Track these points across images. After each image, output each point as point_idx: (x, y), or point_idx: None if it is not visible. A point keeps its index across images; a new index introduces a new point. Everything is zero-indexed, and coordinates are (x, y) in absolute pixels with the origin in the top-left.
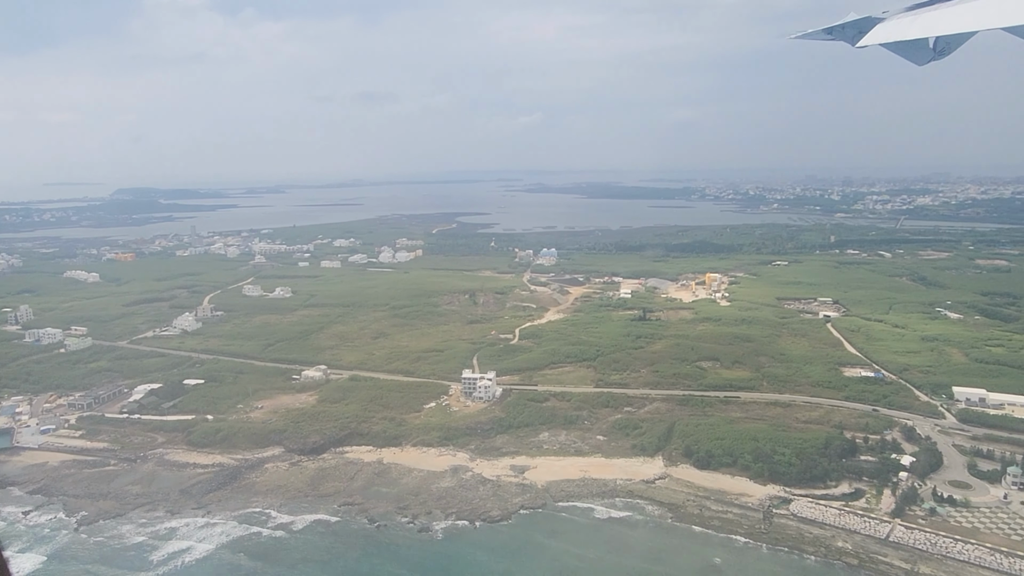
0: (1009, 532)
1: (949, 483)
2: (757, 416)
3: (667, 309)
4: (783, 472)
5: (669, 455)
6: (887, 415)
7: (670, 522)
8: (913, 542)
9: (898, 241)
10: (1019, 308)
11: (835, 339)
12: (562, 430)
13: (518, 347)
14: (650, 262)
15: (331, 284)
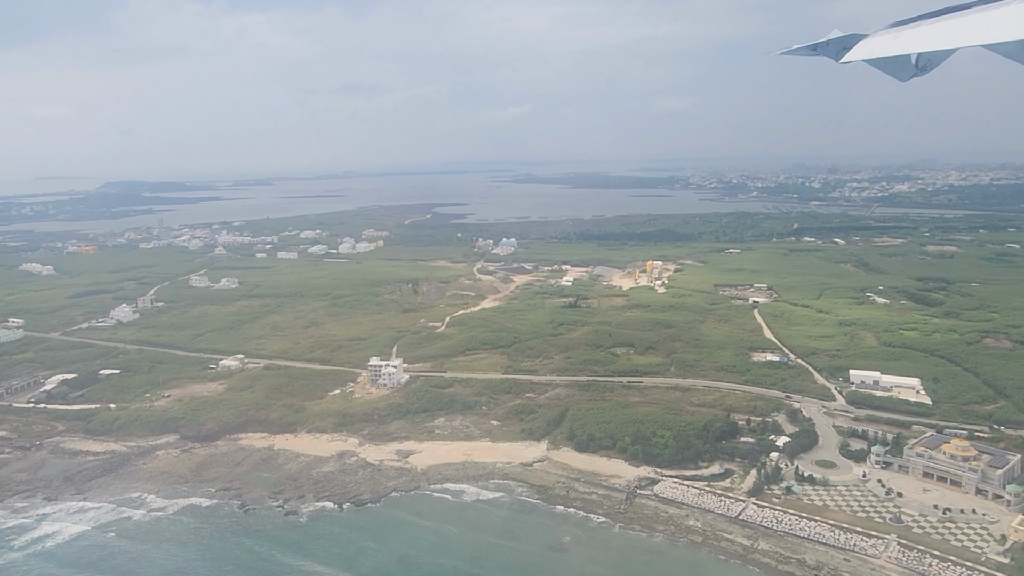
0: (856, 509)
1: (816, 463)
2: (654, 400)
3: (602, 296)
4: (657, 454)
5: (554, 439)
6: (780, 398)
7: (535, 503)
8: (760, 520)
9: (859, 228)
10: (948, 293)
11: (757, 324)
12: (458, 415)
13: (441, 335)
14: (606, 250)
15: (280, 275)
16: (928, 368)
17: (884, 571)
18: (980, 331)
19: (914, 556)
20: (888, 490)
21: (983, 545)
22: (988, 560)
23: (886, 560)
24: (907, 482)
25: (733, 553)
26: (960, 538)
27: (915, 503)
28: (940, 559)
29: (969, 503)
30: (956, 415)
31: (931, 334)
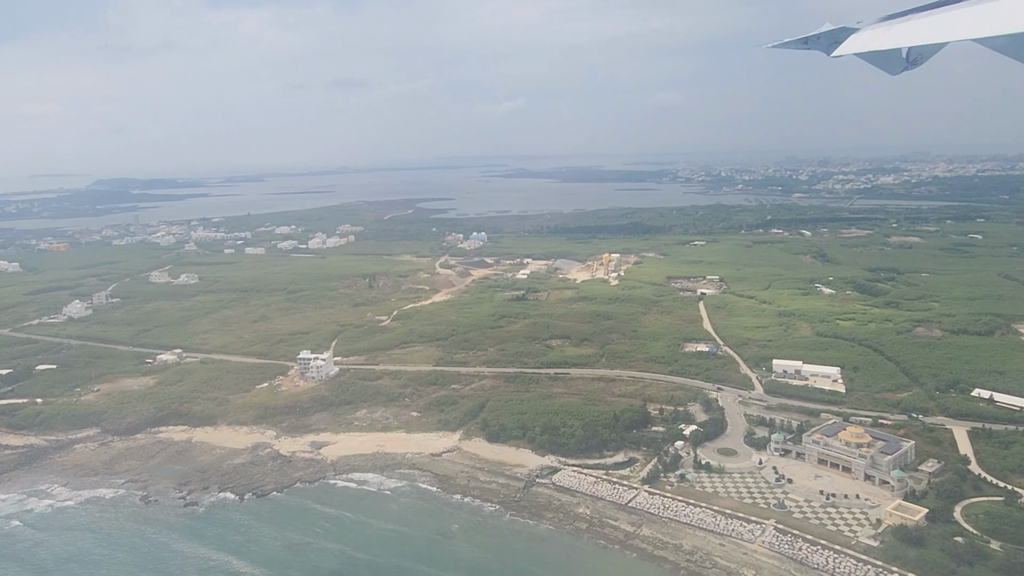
0: (744, 495)
1: (719, 451)
2: (577, 391)
3: (553, 289)
4: (563, 444)
5: (468, 430)
6: (699, 387)
7: (434, 492)
8: (648, 507)
9: (829, 220)
10: (895, 283)
11: (698, 316)
12: (381, 407)
13: (384, 328)
14: (575, 244)
15: (242, 270)
16: (853, 357)
17: (756, 555)
18: (914, 320)
19: (787, 540)
20: (779, 477)
21: (858, 529)
22: (858, 544)
23: (760, 544)
24: (801, 469)
25: (614, 539)
26: (837, 523)
27: (803, 489)
28: (811, 543)
29: (856, 488)
30: (868, 403)
31: (866, 324)
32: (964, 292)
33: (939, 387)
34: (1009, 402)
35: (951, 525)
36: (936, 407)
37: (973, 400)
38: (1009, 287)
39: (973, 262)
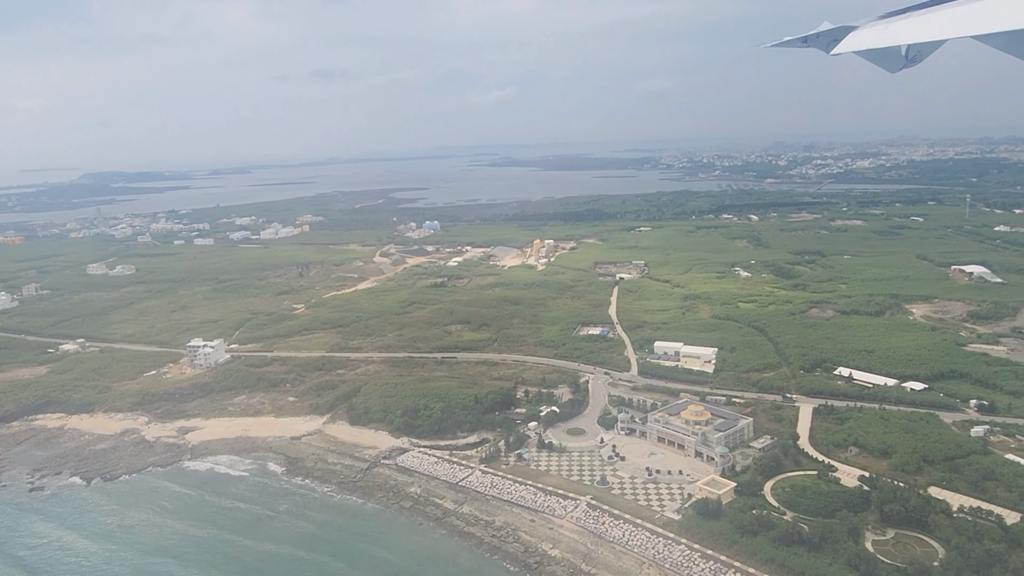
0: (572, 473)
1: (568, 431)
2: (458, 374)
3: (477, 276)
4: (420, 426)
5: (336, 413)
6: (576, 369)
7: (279, 473)
8: (476, 485)
9: (783, 204)
10: (815, 266)
11: (608, 300)
12: (261, 393)
13: (292, 316)
14: (525, 230)
15: (182, 261)
16: (736, 338)
17: (560, 530)
18: (812, 302)
19: (594, 516)
20: (613, 455)
21: (667, 504)
22: (661, 517)
23: (568, 520)
24: (640, 447)
25: (432, 516)
26: (651, 498)
27: (632, 466)
28: (616, 517)
29: (684, 465)
30: (731, 383)
31: (766, 306)
32: (875, 273)
33: (805, 366)
34: (865, 379)
35: (756, 499)
36: (794, 385)
37: (833, 378)
38: (921, 268)
39: (900, 244)
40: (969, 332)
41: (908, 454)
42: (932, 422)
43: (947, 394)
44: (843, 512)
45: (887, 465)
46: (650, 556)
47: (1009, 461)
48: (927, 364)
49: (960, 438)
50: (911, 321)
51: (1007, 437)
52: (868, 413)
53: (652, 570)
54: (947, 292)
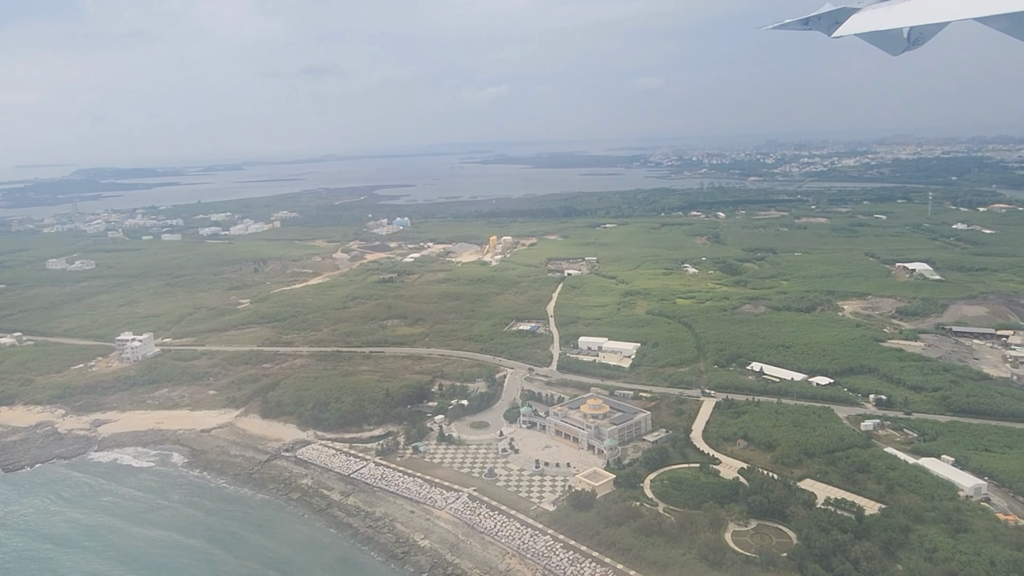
0: (463, 465)
1: (473, 424)
2: (382, 368)
3: (429, 272)
4: (327, 419)
5: (251, 406)
6: (499, 364)
7: (180, 465)
8: (366, 477)
9: (753, 202)
10: (764, 262)
11: (550, 295)
12: (183, 386)
13: (234, 311)
14: (493, 227)
15: (144, 256)
16: (662, 334)
17: (436, 521)
18: (748, 298)
19: (472, 507)
20: (508, 448)
21: (546, 496)
22: (536, 509)
23: (446, 512)
24: (538, 440)
25: (316, 507)
26: (532, 490)
27: (523, 459)
28: (493, 509)
29: (575, 457)
30: (644, 377)
31: (704, 302)
32: (820, 270)
33: (720, 361)
34: (775, 374)
35: (634, 491)
36: (704, 380)
37: (744, 373)
38: (866, 265)
39: (854, 242)
40: (893, 328)
41: (790, 447)
42: (824, 416)
43: (851, 389)
44: (709, 503)
45: (769, 458)
46: (514, 547)
47: (886, 454)
48: (839, 359)
49: (846, 432)
50: (839, 317)
51: (895, 431)
52: (765, 407)
53: (513, 560)
54: (883, 289)
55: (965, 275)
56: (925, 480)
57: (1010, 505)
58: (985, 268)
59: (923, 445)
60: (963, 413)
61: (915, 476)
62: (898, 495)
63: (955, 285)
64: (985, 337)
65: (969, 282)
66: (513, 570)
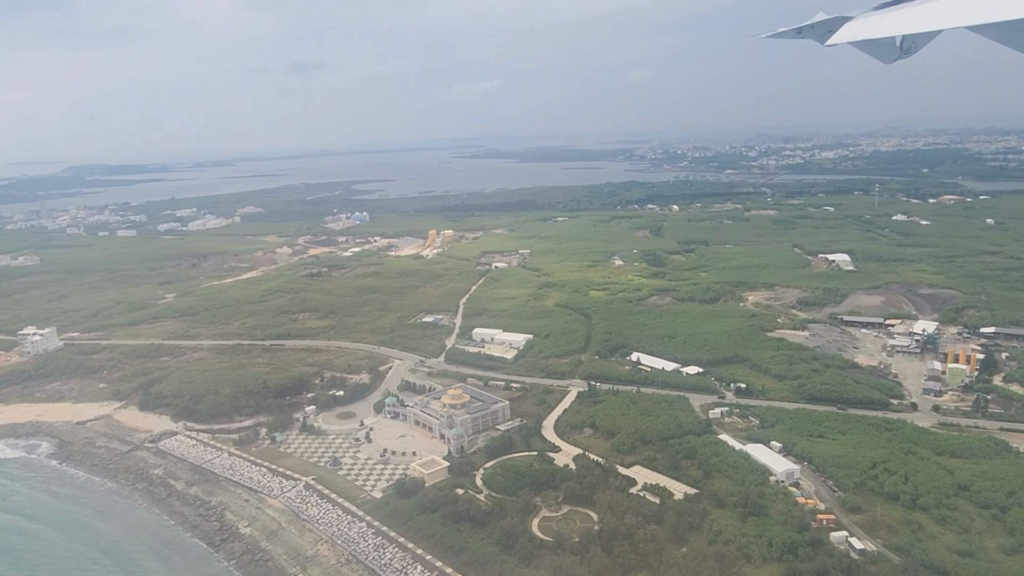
0: (313, 455)
1: (340, 415)
2: (274, 361)
3: (361, 265)
4: (200, 410)
5: (132, 399)
6: (392, 355)
7: (44, 456)
8: (216, 467)
9: (713, 195)
10: (689, 256)
11: (468, 288)
12: (77, 379)
13: (153, 304)
14: (449, 221)
15: (92, 252)
16: (559, 325)
17: (266, 509)
18: (657, 289)
19: (303, 496)
20: (359, 439)
21: (380, 484)
22: (364, 497)
23: (279, 500)
24: (397, 429)
25: (156, 497)
26: (370, 479)
27: (374, 448)
28: (323, 497)
29: (428, 446)
30: (525, 368)
31: (616, 293)
32: (742, 262)
33: (602, 352)
34: (650, 364)
35: (465, 478)
36: (580, 371)
37: (622, 363)
38: (789, 256)
39: (790, 233)
40: (787, 318)
41: (628, 435)
42: (677, 405)
43: (717, 378)
44: (526, 491)
45: (608, 445)
46: (330, 534)
47: (717, 441)
48: (717, 350)
49: (687, 420)
50: (738, 308)
51: (740, 419)
52: (623, 396)
53: (323, 546)
54: (794, 280)
55: (880, 265)
56: (743, 466)
57: (818, 489)
58: (902, 259)
59: (760, 432)
60: (815, 400)
61: (735, 462)
62: (713, 480)
63: (865, 275)
64: (872, 326)
65: (881, 272)
66: (321, 555)
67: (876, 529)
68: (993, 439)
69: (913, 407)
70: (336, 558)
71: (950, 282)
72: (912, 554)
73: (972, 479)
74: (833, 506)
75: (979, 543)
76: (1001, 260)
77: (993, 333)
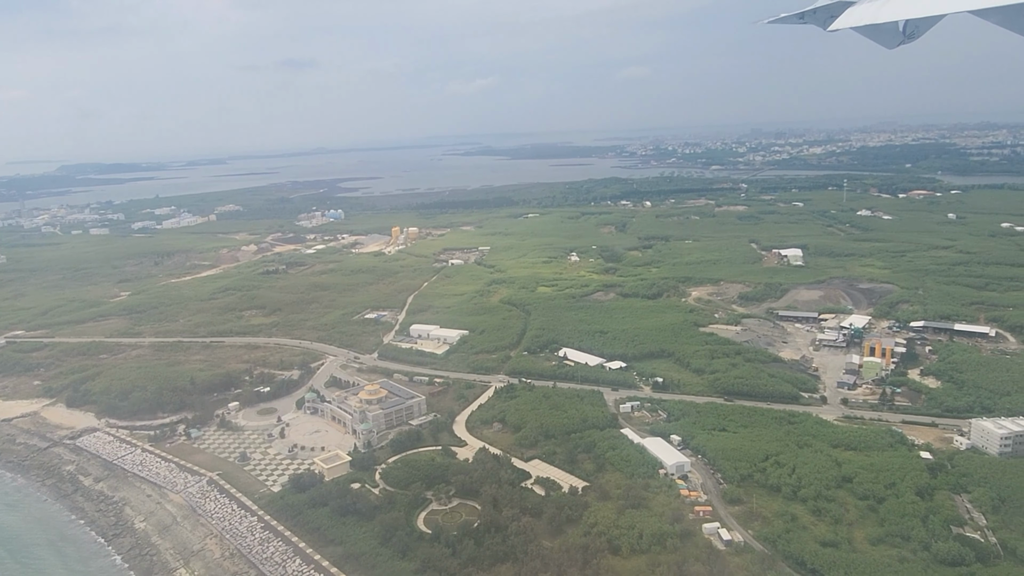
0: (224, 450)
1: (261, 411)
2: (212, 358)
3: (320, 262)
4: (123, 407)
5: (61, 396)
6: (327, 352)
7: None
8: (127, 463)
9: (687, 191)
10: (646, 252)
11: (419, 285)
12: (13, 377)
13: (107, 303)
14: (422, 218)
15: (60, 251)
16: (496, 321)
17: (165, 504)
18: (604, 285)
19: (204, 491)
20: (271, 434)
21: (282, 479)
22: (262, 492)
23: (180, 495)
24: (313, 425)
25: (63, 492)
26: (274, 474)
27: (286, 443)
28: (223, 492)
29: (337, 441)
30: (452, 364)
31: (564, 289)
32: (696, 257)
33: (532, 347)
34: (576, 359)
35: (365, 473)
36: (506, 367)
37: (549, 359)
38: (743, 252)
39: (752, 228)
40: (726, 312)
41: (533, 429)
42: (589, 399)
43: (639, 373)
44: (417, 484)
45: (514, 440)
46: (220, 528)
47: (618, 435)
48: (645, 344)
49: (595, 414)
50: (679, 303)
51: (649, 413)
52: (538, 391)
53: (211, 541)
54: (741, 275)
55: (830, 260)
56: (636, 459)
57: (705, 481)
58: (854, 254)
59: (666, 425)
60: (728, 395)
61: (629, 456)
62: (604, 474)
63: (811, 270)
64: (806, 321)
65: (829, 267)
66: (207, 550)
67: (751, 520)
68: (891, 431)
69: (823, 400)
70: (221, 552)
71: (895, 277)
72: (776, 545)
73: (858, 471)
74: (715, 498)
75: (847, 533)
76: (951, 255)
77: (921, 327)
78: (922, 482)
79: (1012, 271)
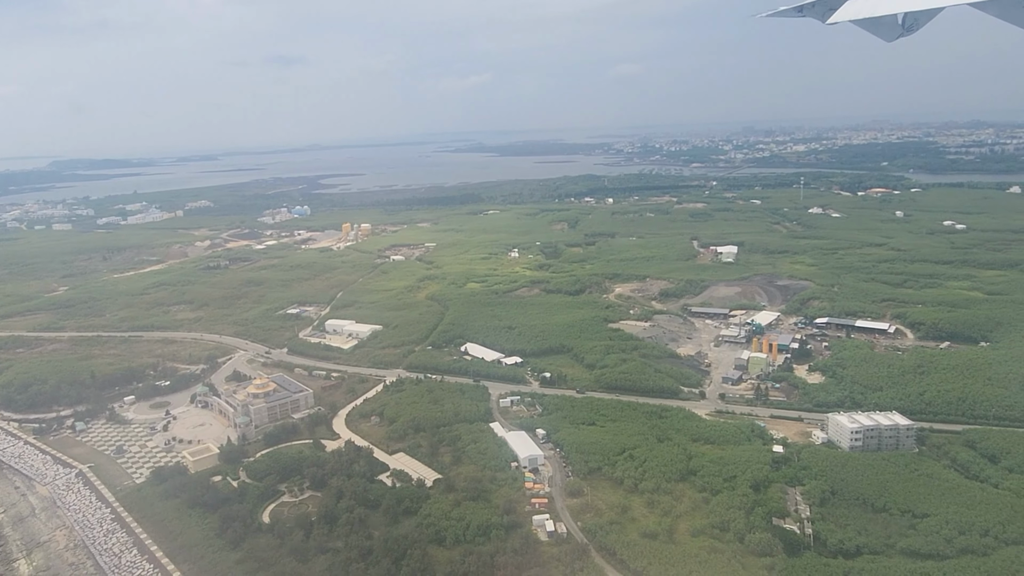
0: (104, 444)
1: (155, 405)
2: (126, 352)
3: (265, 258)
4: (20, 400)
5: None
6: (239, 346)
7: None
8: (4, 455)
9: (655, 188)
10: (588, 248)
11: (354, 280)
12: None
13: (41, 297)
14: (386, 215)
15: (14, 246)
16: (413, 316)
17: (31, 496)
18: (532, 281)
19: (69, 483)
20: (154, 427)
21: (147, 471)
22: (125, 484)
23: (47, 487)
24: (200, 418)
25: None
26: (143, 466)
27: (167, 436)
28: (87, 485)
29: (222, 434)
30: (356, 358)
31: (493, 285)
32: (633, 254)
33: (438, 342)
34: (476, 354)
35: (233, 465)
36: (406, 360)
37: (451, 354)
38: (681, 249)
39: (700, 226)
40: (642, 308)
41: (404, 423)
42: (471, 393)
43: (533, 368)
44: (272, 477)
45: (386, 433)
46: (72, 520)
47: (488, 429)
48: (548, 340)
49: (470, 408)
50: (597, 299)
51: (527, 407)
52: (424, 385)
53: (60, 532)
54: (667, 272)
55: (763, 257)
56: (493, 453)
57: (555, 474)
58: (787, 250)
59: (538, 419)
60: (612, 389)
61: (487, 449)
62: (460, 467)
63: (739, 267)
64: (716, 317)
65: (759, 264)
66: (54, 540)
67: (584, 513)
68: (753, 426)
69: (702, 395)
70: (66, 543)
71: (817, 274)
72: (597, 536)
73: (705, 464)
74: (558, 490)
75: (671, 525)
76: (882, 252)
77: (825, 323)
78: (761, 475)
79: (934, 268)
